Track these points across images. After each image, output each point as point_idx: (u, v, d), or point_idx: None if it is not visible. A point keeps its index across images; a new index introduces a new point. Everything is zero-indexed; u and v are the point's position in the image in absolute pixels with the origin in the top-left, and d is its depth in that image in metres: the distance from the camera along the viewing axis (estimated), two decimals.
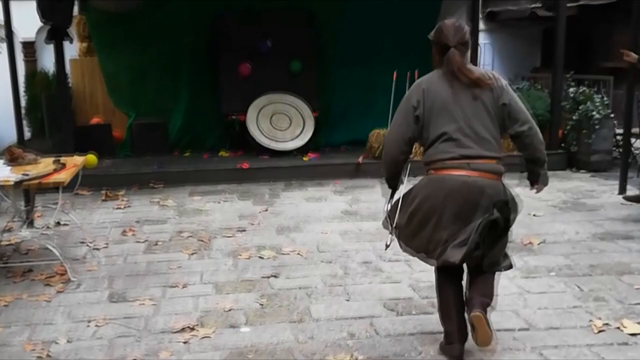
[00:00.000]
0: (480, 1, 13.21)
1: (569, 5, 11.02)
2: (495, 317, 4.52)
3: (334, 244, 6.36)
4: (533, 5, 13.59)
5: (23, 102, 9.30)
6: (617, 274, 5.39)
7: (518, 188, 4.59)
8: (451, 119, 3.75)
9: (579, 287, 5.11)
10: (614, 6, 12.45)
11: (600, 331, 4.30)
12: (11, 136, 9.03)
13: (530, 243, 6.23)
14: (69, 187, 5.90)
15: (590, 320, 4.46)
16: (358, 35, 10.75)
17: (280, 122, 10.49)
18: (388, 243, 4.03)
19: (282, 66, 10.77)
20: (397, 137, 3.89)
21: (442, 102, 3.76)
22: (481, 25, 13.95)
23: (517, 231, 6.61)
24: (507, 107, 3.86)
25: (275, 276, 5.47)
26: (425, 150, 3.89)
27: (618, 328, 4.33)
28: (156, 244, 6.45)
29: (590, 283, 5.18)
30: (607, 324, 4.38)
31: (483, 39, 14.34)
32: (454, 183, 3.73)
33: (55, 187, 5.65)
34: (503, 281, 5.22)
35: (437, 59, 3.87)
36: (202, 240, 6.53)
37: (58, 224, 7.11)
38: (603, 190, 8.49)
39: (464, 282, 4.05)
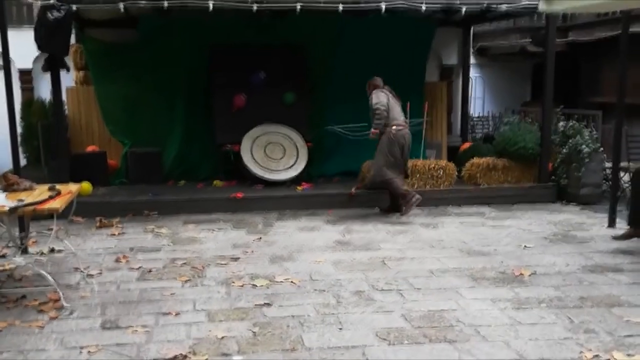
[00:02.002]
0: (471, 36, 13.45)
1: (558, 41, 11.25)
2: (486, 348, 4.58)
3: (327, 273, 6.40)
4: (523, 41, 13.85)
5: (19, 130, 9.32)
6: (607, 306, 5.44)
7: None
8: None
9: (569, 318, 5.16)
10: (602, 42, 12.70)
11: None
12: (7, 163, 9.06)
13: (521, 274, 6.29)
14: (63, 214, 5.94)
15: (581, 352, 4.50)
16: (351, 68, 10.90)
17: (274, 153, 10.57)
18: None
19: (276, 98, 10.89)
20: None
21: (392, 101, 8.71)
22: (472, 60, 14.16)
23: (508, 262, 6.72)
24: None
25: (268, 305, 5.49)
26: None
27: None
28: (150, 272, 6.47)
29: (581, 315, 5.23)
30: (597, 356, 4.43)
31: (474, 72, 14.54)
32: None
33: (50, 215, 5.69)
34: (494, 312, 5.29)
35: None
36: (195, 269, 6.56)
37: (52, 250, 7.12)
38: (593, 223, 8.57)
39: None
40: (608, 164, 9.73)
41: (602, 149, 10.07)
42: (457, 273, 6.38)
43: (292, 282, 6.11)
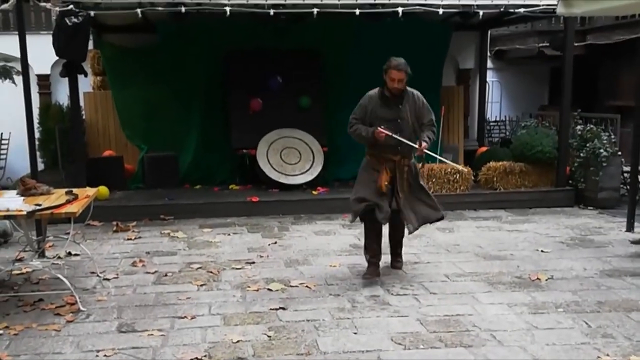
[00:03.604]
0: (488, 40, 13.39)
1: (576, 44, 11.15)
2: (502, 353, 4.55)
3: (342, 277, 6.39)
4: (541, 45, 13.77)
5: (37, 135, 9.40)
6: (625, 310, 5.39)
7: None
8: None
9: (587, 323, 5.11)
10: (620, 45, 12.60)
11: None
12: (25, 168, 9.15)
13: (538, 279, 6.24)
14: (80, 218, 5.98)
15: (598, 357, 4.46)
16: (367, 72, 10.81)
17: (290, 157, 10.58)
18: None
19: (292, 102, 10.92)
20: None
21: None
22: (489, 64, 14.11)
23: (525, 267, 6.67)
24: None
25: (283, 309, 5.49)
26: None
27: None
28: (166, 276, 6.50)
29: (598, 319, 5.18)
30: None
31: (491, 76, 14.49)
32: None
33: (67, 219, 5.73)
34: (511, 317, 5.25)
35: None
36: (211, 272, 6.57)
37: (69, 254, 7.17)
38: (611, 227, 8.50)
39: None
40: (626, 168, 9.66)
41: (620, 152, 9.99)
42: (473, 277, 6.34)
43: (307, 286, 6.10)
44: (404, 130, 6.01)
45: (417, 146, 5.97)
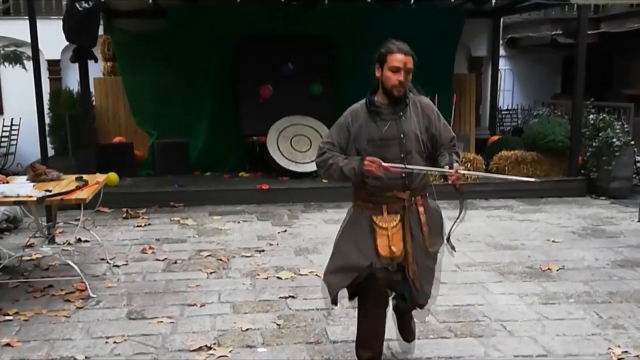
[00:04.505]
0: (501, 27, 13.28)
1: (589, 32, 11.04)
2: (513, 343, 4.52)
3: None
4: (554, 33, 13.64)
5: (47, 120, 9.42)
6: (636, 301, 5.34)
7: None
8: None
9: (598, 314, 5.07)
10: (634, 34, 12.46)
11: (619, 359, 4.26)
12: (35, 153, 9.17)
13: (549, 269, 6.20)
14: (90, 205, 5.98)
15: (609, 348, 4.42)
16: None
17: (300, 145, 10.55)
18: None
19: (303, 89, 10.88)
20: None
21: None
22: (502, 52, 14.00)
23: (536, 257, 6.62)
24: None
25: (292, 297, 5.48)
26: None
27: (637, 356, 4.30)
28: (175, 263, 6.49)
29: (610, 310, 5.14)
30: (626, 352, 4.35)
31: (504, 65, 14.38)
32: None
33: (77, 205, 5.73)
34: (521, 307, 5.22)
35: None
36: (220, 260, 6.57)
37: (79, 241, 7.18)
38: (623, 217, 8.44)
39: None
40: (639, 158, 9.57)
41: (633, 142, 9.91)
42: (484, 267, 6.31)
43: (317, 274, 6.07)
44: (411, 152, 3.76)
45: (451, 171, 3.59)
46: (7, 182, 6.03)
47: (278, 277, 6.01)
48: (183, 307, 5.26)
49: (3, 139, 12.35)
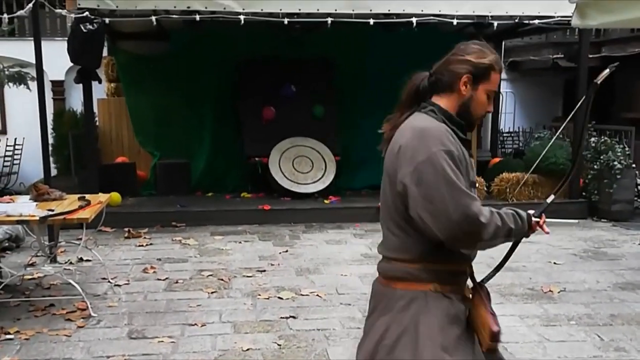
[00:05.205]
0: (502, 51, 13.36)
1: (591, 56, 11.10)
2: None
3: (353, 286, 6.36)
4: (555, 56, 13.72)
5: (50, 140, 9.46)
6: (638, 324, 5.33)
7: None
8: None
9: (599, 336, 5.06)
10: (635, 57, 12.52)
11: None
12: (38, 173, 9.19)
13: (550, 291, 6.20)
14: (92, 224, 6.01)
15: None
16: (379, 81, 10.86)
17: (302, 166, 10.58)
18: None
19: (305, 111, 10.93)
20: None
21: None
22: (503, 75, 14.06)
23: (537, 279, 6.61)
24: None
25: (293, 317, 5.48)
26: None
27: None
28: (176, 283, 6.50)
29: (611, 333, 5.14)
30: None
31: (505, 87, 14.45)
32: None
33: (79, 224, 5.76)
34: (522, 329, 5.21)
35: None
36: (222, 280, 6.57)
37: (81, 260, 7.18)
38: (624, 240, 8.44)
39: None
40: None
41: (634, 165, 9.92)
42: None
43: (318, 295, 6.08)
44: None
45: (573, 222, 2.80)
46: (12, 201, 6.07)
47: (279, 297, 6.00)
48: (184, 327, 5.26)
49: (6, 159, 12.40)
